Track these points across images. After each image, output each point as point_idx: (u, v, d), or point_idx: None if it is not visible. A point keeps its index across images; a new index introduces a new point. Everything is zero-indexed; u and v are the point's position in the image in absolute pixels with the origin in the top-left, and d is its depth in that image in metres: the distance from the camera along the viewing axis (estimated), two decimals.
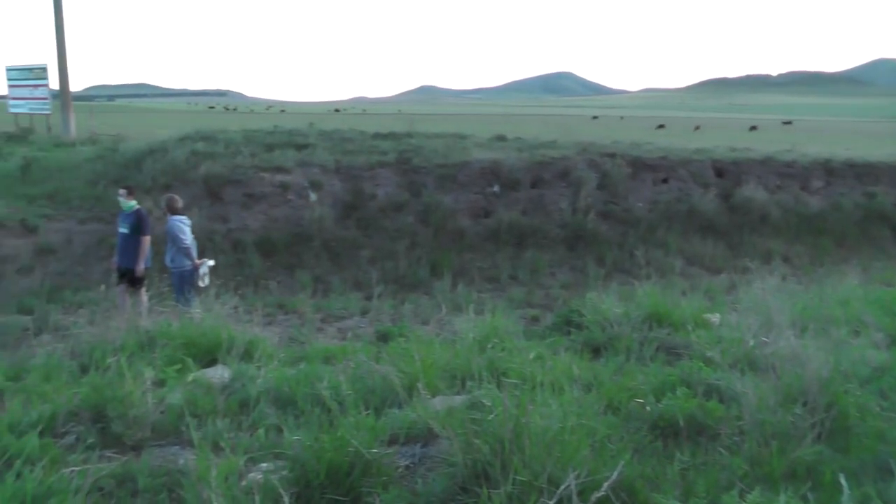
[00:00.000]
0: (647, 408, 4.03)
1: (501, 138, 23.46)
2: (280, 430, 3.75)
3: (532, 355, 4.88)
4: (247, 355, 5.19)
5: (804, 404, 3.72)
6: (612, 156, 18.91)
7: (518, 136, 24.12)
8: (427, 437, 3.67)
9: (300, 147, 18.38)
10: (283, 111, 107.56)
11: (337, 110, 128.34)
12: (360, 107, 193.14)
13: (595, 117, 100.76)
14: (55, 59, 32.86)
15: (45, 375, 4.49)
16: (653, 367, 4.91)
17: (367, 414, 3.61)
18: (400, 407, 4.04)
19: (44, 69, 34.07)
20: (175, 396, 4.14)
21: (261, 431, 3.77)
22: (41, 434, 3.55)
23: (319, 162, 16.94)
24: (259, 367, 4.84)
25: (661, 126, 66.08)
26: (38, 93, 34.75)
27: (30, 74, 34.89)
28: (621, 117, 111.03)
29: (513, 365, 4.59)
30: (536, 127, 41.19)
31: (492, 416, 3.22)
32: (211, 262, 10.23)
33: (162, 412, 3.97)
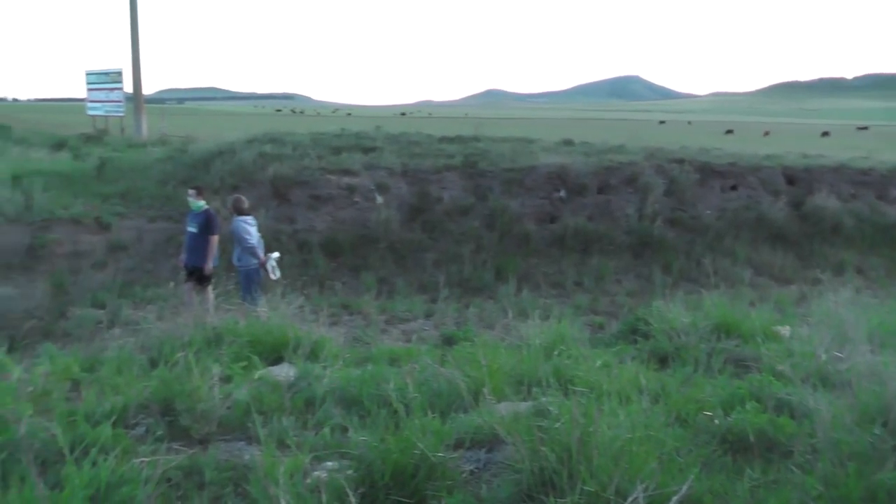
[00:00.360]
0: (716, 421, 3.91)
1: (568, 143, 23.33)
2: (345, 430, 3.77)
3: (598, 363, 4.81)
4: (312, 354, 5.24)
5: (884, 424, 3.54)
6: (680, 161, 18.61)
7: (585, 141, 23.94)
8: (492, 442, 3.64)
9: (367, 150, 18.64)
10: (349, 114, 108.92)
11: (403, 114, 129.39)
12: (427, 110, 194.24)
13: (662, 122, 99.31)
14: (130, 63, 34.01)
15: (118, 368, 4.61)
16: (721, 380, 4.77)
17: (433, 417, 3.60)
18: (465, 411, 4.02)
19: (119, 73, 35.27)
20: (241, 393, 4.20)
21: (326, 430, 3.80)
22: (114, 424, 3.65)
23: (386, 165, 17.15)
24: (324, 367, 4.88)
25: (729, 131, 64.71)
26: (114, 96, 36.01)
27: (106, 78, 36.17)
28: (689, 122, 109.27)
29: (579, 372, 4.52)
30: (603, 131, 40.81)
31: (558, 423, 3.19)
32: (276, 255, 10.38)
33: (228, 408, 4.03)
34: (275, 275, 10.17)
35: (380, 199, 15.93)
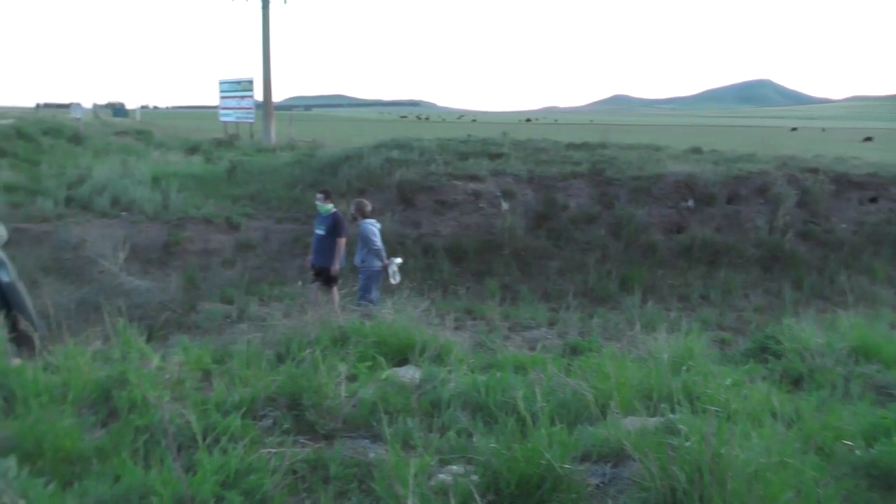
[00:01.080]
0: (857, 452, 3.64)
1: (697, 150, 22.62)
2: (470, 435, 3.74)
3: (728, 382, 4.60)
4: (437, 358, 5.25)
5: None
6: (814, 171, 17.65)
7: (714, 149, 23.15)
8: (618, 457, 3.53)
9: (493, 156, 18.75)
10: (474, 121, 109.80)
11: (528, 120, 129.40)
12: (552, 116, 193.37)
13: (794, 129, 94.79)
14: (260, 72, 35.65)
15: (246, 361, 4.76)
16: (861, 406, 4.44)
17: (560, 428, 3.52)
18: (591, 423, 3.92)
19: (250, 82, 36.96)
20: (367, 392, 4.24)
21: (451, 434, 3.78)
22: (243, 415, 3.77)
23: (512, 171, 17.19)
24: (450, 371, 4.87)
25: (868, 139, 60.83)
26: (245, 103, 37.76)
27: (238, 87, 37.99)
28: (823, 129, 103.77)
29: (707, 390, 4.34)
30: (732, 139, 39.37)
31: (689, 442, 3.07)
32: (399, 260, 10.59)
33: (354, 406, 4.08)
34: (395, 279, 10.37)
35: (505, 206, 15.96)
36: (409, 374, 4.83)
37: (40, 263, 12.91)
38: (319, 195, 11.03)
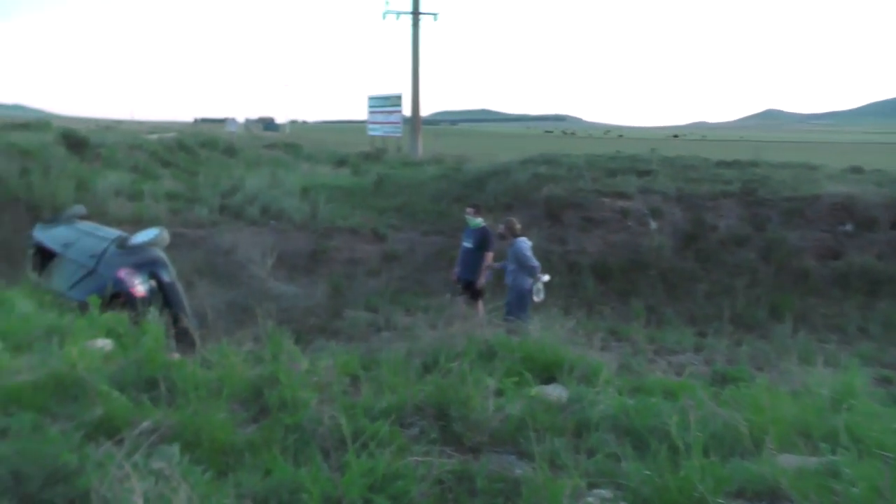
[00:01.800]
0: None
1: (857, 170, 21.25)
2: (618, 459, 3.65)
3: None
4: (584, 378, 5.17)
5: None
6: None
7: (876, 168, 21.66)
8: (774, 496, 3.34)
9: (642, 173, 18.40)
10: (620, 136, 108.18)
11: (676, 136, 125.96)
12: (700, 132, 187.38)
13: None
14: (409, 88, 36.57)
15: (392, 369, 4.84)
16: None
17: (714, 460, 3.38)
18: (743, 457, 3.73)
19: (399, 97, 38.00)
20: (515, 407, 4.22)
21: (599, 456, 3.69)
22: (390, 422, 3.82)
23: (661, 189, 16.84)
24: (598, 392, 4.77)
25: None
26: (392, 118, 38.88)
27: (386, 102, 39.20)
28: None
29: (872, 433, 4.01)
30: None
31: (855, 489, 2.89)
32: (546, 278, 10.53)
33: (501, 421, 4.06)
34: (538, 297, 10.32)
35: (653, 225, 15.62)
36: (556, 392, 4.77)
37: (195, 266, 13.77)
38: (470, 209, 11.15)
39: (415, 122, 36.83)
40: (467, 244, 10.89)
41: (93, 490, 2.85)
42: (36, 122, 29.87)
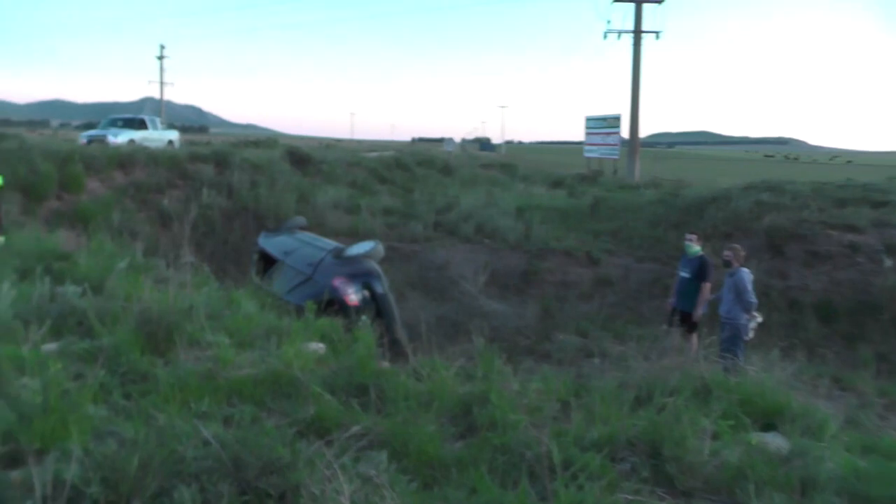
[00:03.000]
0: None
1: None
2: None
3: None
4: (808, 429, 4.74)
5: None
6: None
7: None
8: None
9: (876, 205, 16.73)
10: (849, 162, 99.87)
11: None
12: None
13: None
14: (627, 108, 35.92)
15: (604, 398, 4.71)
16: None
17: None
18: None
19: (617, 119, 37.50)
20: (731, 454, 3.95)
21: None
22: (601, 455, 3.71)
23: None
24: (824, 447, 4.36)
25: None
26: (610, 140, 38.41)
27: (604, 123, 38.81)
28: None
29: None
30: None
31: None
32: (760, 319, 9.87)
33: (716, 467, 3.82)
34: (748, 336, 9.70)
35: (888, 262, 14.13)
36: (777, 442, 4.42)
37: (408, 279, 14.31)
38: (691, 235, 10.68)
39: (633, 143, 36.11)
40: (684, 273, 10.43)
41: (303, 485, 3.01)
42: (266, 141, 32.59)
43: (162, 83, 57.37)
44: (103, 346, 4.84)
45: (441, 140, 64.89)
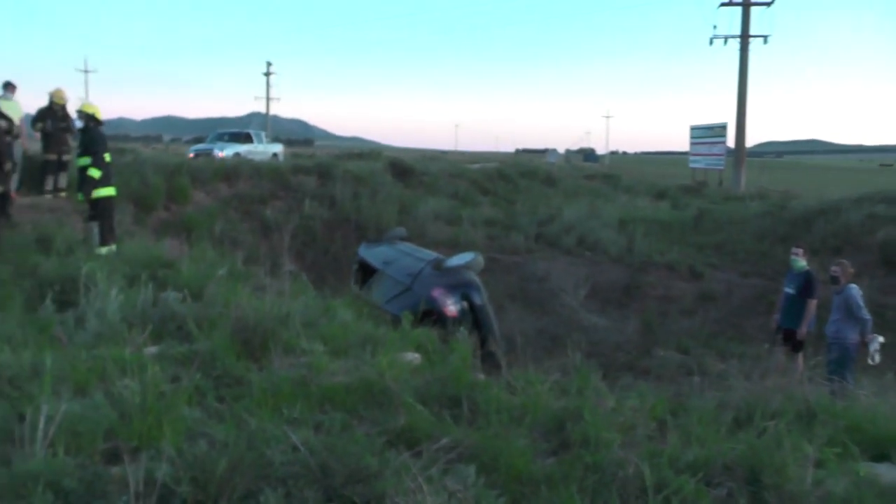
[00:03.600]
0: None
1: None
2: None
3: None
4: None
5: None
6: None
7: None
8: None
9: None
10: None
11: None
12: None
13: None
14: (733, 117, 34.83)
15: (702, 419, 4.56)
16: None
17: None
18: None
19: (723, 127, 36.46)
20: (837, 485, 3.76)
21: None
22: (696, 479, 3.60)
23: None
24: None
25: None
26: (715, 149, 37.39)
27: (710, 133, 37.81)
28: None
29: None
30: None
31: None
32: (881, 339, 9.32)
33: (819, 497, 3.64)
34: (874, 360, 9.15)
35: None
36: (891, 474, 4.17)
37: (508, 291, 14.27)
38: (797, 250, 10.22)
39: (738, 153, 34.91)
40: (789, 290, 10.01)
41: (388, 496, 3.03)
42: (369, 153, 33.18)
43: (268, 98, 59.40)
44: (200, 350, 5.04)
45: (544, 151, 64.72)
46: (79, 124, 10.63)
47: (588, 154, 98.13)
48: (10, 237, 8.62)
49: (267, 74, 59.60)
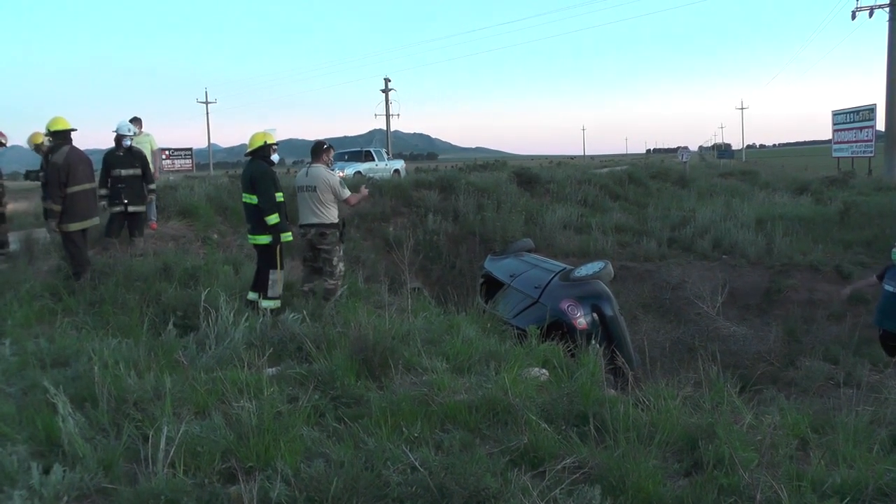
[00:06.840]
0: None
1: None
2: None
3: None
4: None
5: None
6: None
7: None
8: None
9: None
10: None
11: None
12: None
13: None
14: (883, 97, 32.38)
15: (851, 437, 4.25)
16: None
17: None
18: None
19: (871, 110, 34.17)
20: None
21: None
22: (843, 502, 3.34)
23: None
24: None
25: None
26: (863, 135, 35.07)
27: (856, 117, 35.53)
28: None
29: None
30: None
31: None
32: None
33: None
34: None
35: None
36: None
37: (641, 300, 13.90)
38: None
39: (890, 137, 32.48)
40: (890, 288, 9.08)
41: None
42: (494, 163, 33.15)
43: (388, 115, 60.57)
44: (318, 370, 5.15)
45: (676, 150, 62.96)
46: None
47: (723, 150, 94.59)
48: (138, 265, 9.12)
49: (385, 91, 60.91)
